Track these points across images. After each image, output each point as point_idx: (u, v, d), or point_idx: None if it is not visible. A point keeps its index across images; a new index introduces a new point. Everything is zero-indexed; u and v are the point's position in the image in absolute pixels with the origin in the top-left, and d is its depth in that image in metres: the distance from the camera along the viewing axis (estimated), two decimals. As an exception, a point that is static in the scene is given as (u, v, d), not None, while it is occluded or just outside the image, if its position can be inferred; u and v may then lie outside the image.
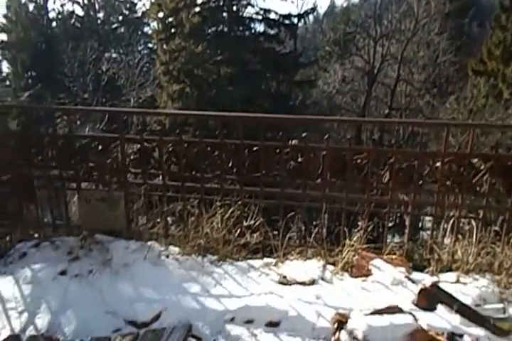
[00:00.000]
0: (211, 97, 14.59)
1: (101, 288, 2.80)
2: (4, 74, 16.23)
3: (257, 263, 3.25)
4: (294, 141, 3.48)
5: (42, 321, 2.53)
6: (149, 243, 3.34)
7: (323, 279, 3.01)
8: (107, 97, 14.57)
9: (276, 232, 3.47)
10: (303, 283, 2.96)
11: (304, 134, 3.40)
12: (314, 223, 3.45)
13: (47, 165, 3.56)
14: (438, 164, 3.17)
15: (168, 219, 3.60)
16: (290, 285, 2.95)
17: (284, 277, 3.03)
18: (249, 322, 2.60)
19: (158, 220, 3.61)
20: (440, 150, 3.22)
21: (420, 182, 3.22)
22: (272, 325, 2.58)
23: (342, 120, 10.20)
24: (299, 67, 17.66)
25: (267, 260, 3.29)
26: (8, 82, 15.95)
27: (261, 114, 4.67)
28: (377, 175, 3.30)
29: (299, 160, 3.38)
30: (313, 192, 3.41)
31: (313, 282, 2.97)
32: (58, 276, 2.89)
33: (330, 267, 3.15)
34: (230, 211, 3.35)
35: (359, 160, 3.32)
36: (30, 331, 2.46)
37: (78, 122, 10.52)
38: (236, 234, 3.40)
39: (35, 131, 3.66)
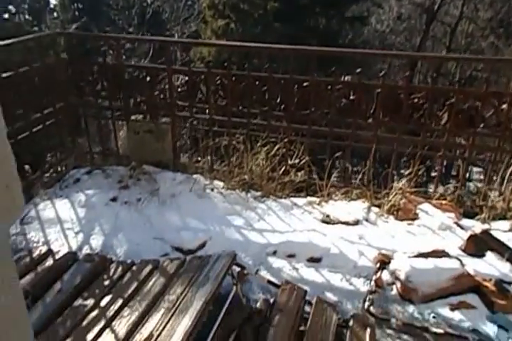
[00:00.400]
0: (256, 34, 13.90)
1: (149, 216, 2.91)
2: (52, 6, 16.11)
3: (300, 201, 3.24)
4: (346, 77, 3.29)
5: (96, 241, 2.68)
6: (195, 176, 3.39)
7: (367, 220, 2.98)
8: (151, 32, 14.27)
9: (321, 172, 3.41)
10: (346, 223, 2.94)
11: (358, 70, 3.19)
12: (361, 165, 3.34)
13: (97, 95, 3.58)
14: (504, 106, 2.92)
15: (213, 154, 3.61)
16: (333, 224, 2.95)
17: (328, 216, 3.02)
18: (291, 256, 2.64)
19: (203, 155, 3.63)
20: (508, 90, 2.95)
21: (481, 125, 3.01)
22: (314, 261, 2.61)
23: (397, 54, 9.41)
24: (352, 2, 16.29)
25: (310, 199, 3.28)
26: (55, 14, 15.87)
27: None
28: (434, 116, 3.10)
29: (351, 97, 3.21)
30: (363, 132, 3.27)
31: (356, 222, 2.95)
32: (109, 202, 3.02)
33: (375, 209, 3.10)
34: (276, 148, 3.31)
35: (415, 100, 3.12)
36: (86, 250, 2.63)
37: (124, 57, 10.46)
38: (280, 172, 3.39)
39: (85, 60, 3.66)
